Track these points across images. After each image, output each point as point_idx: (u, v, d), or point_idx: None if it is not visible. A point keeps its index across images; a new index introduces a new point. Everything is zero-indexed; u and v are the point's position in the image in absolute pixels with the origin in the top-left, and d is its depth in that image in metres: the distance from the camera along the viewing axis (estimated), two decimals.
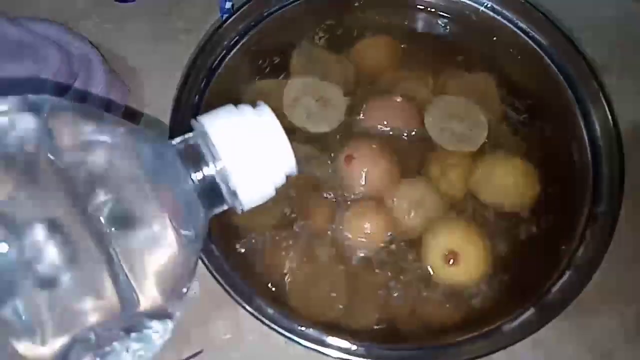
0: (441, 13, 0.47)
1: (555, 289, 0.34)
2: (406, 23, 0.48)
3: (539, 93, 0.44)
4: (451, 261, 0.38)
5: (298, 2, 0.45)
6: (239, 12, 0.43)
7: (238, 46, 0.43)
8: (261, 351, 0.42)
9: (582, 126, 0.41)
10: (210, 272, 0.35)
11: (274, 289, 0.39)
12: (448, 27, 0.47)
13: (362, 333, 0.36)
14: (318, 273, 0.39)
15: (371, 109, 0.44)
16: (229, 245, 0.39)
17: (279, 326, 0.33)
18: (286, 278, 0.39)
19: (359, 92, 0.45)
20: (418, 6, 0.47)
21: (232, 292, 0.33)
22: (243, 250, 0.40)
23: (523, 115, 0.44)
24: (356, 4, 0.47)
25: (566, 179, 0.41)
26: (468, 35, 0.47)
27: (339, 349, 0.33)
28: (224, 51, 0.43)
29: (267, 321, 0.33)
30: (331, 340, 0.33)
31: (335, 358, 0.33)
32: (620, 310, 0.45)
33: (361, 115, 0.44)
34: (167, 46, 0.56)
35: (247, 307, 0.33)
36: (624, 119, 0.47)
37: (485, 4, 0.45)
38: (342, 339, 0.33)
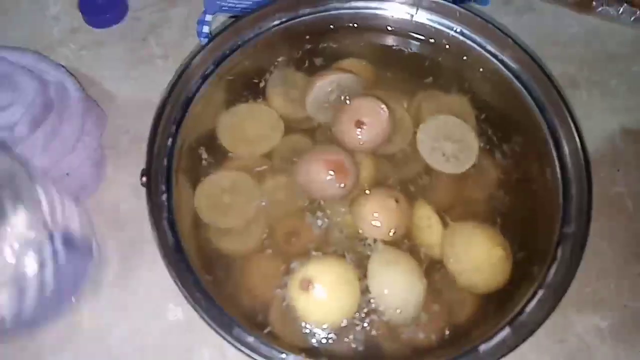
0: (412, 36, 0.48)
1: (529, 308, 0.35)
2: (379, 46, 0.49)
3: (509, 114, 0.46)
4: (306, 286, 0.36)
5: (273, 28, 0.46)
6: (213, 42, 0.43)
7: (213, 75, 0.44)
8: None
9: (552, 147, 0.42)
10: (189, 301, 0.35)
11: (256, 315, 0.39)
12: (420, 49, 0.48)
13: (344, 357, 0.36)
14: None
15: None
16: (210, 273, 0.39)
17: (259, 354, 0.33)
18: (270, 305, 0.39)
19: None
20: (390, 29, 0.48)
21: (211, 323, 0.33)
22: (224, 277, 0.40)
23: (494, 135, 0.45)
24: (331, 27, 0.48)
25: (536, 199, 0.42)
26: (439, 57, 0.48)
27: None
28: (200, 81, 0.43)
29: (246, 350, 0.33)
30: None
31: None
32: (597, 323, 0.46)
33: None
34: (143, 71, 0.56)
35: (227, 337, 0.33)
36: (592, 134, 0.48)
37: (455, 29, 0.46)
38: None
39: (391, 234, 0.40)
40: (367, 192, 0.42)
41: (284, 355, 0.33)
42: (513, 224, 0.41)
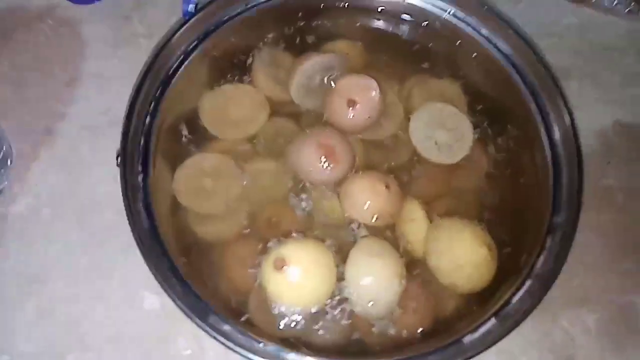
0: (405, 18, 0.47)
1: (515, 298, 0.34)
2: (370, 28, 0.48)
3: (501, 100, 0.45)
4: (280, 265, 0.35)
5: (260, 6, 0.44)
6: (199, 14, 0.42)
7: (196, 51, 0.42)
8: None
9: (543, 135, 0.41)
10: (163, 287, 0.33)
11: (234, 303, 0.37)
12: (412, 32, 0.47)
13: (326, 348, 0.35)
14: None
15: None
16: (187, 258, 0.37)
17: (235, 343, 0.32)
18: (249, 293, 0.38)
19: None
20: (381, 10, 0.47)
21: (186, 310, 0.32)
22: (202, 264, 0.38)
23: (486, 122, 0.44)
24: (322, 6, 0.47)
25: (527, 188, 0.41)
26: (432, 41, 0.47)
27: None
28: (181, 56, 0.41)
29: (222, 339, 0.32)
30: (292, 357, 0.32)
31: None
32: (583, 317, 0.45)
33: None
34: (126, 50, 0.54)
35: (202, 325, 0.32)
36: (584, 125, 0.47)
37: (449, 11, 0.45)
38: (304, 354, 0.32)
39: (373, 220, 0.39)
40: (360, 173, 0.41)
41: (261, 345, 0.32)
42: (502, 214, 0.40)
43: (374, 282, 0.36)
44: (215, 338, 0.32)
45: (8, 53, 0.53)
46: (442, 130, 0.43)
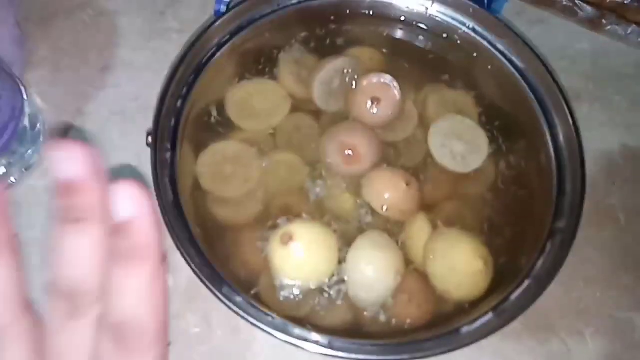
0: (425, 28, 0.49)
1: (514, 296, 0.36)
2: (391, 36, 0.50)
3: (511, 114, 0.47)
4: (286, 240, 0.37)
5: (289, 8, 0.47)
6: (230, 13, 0.44)
7: (227, 45, 0.45)
8: (229, 346, 0.42)
9: (550, 147, 0.43)
10: (190, 265, 0.35)
11: (246, 283, 0.39)
12: (431, 42, 0.49)
13: (330, 328, 0.37)
14: None
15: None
16: (204, 238, 0.39)
17: (247, 314, 0.33)
18: (262, 276, 0.39)
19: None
20: (403, 19, 0.49)
21: (201, 277, 0.34)
22: (217, 245, 0.40)
23: (495, 134, 0.46)
24: (347, 12, 0.49)
25: (531, 194, 0.43)
26: (449, 52, 0.49)
27: (305, 339, 0.34)
28: (214, 49, 0.44)
29: (234, 307, 0.33)
30: (298, 331, 0.34)
31: (301, 349, 0.34)
32: (580, 329, 0.46)
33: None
34: (159, 43, 0.57)
35: (217, 293, 0.34)
36: (591, 146, 0.49)
37: (468, 25, 0.47)
38: (310, 331, 0.34)
39: (384, 209, 0.41)
40: (385, 166, 0.44)
41: (270, 318, 0.34)
42: (505, 220, 0.42)
43: (372, 271, 0.38)
44: (229, 308, 0.33)
45: (49, 38, 0.56)
46: (459, 142, 0.45)
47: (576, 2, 0.61)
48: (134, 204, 0.18)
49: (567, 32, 0.62)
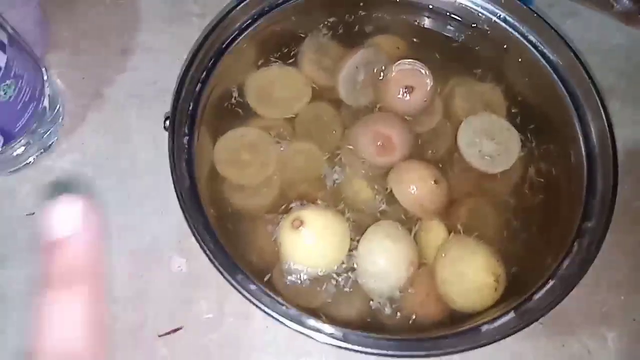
0: (454, 17, 0.48)
1: (537, 296, 0.34)
2: (418, 24, 0.49)
3: (542, 109, 0.45)
4: (297, 225, 0.37)
5: None
6: None
7: (249, 30, 0.44)
8: (240, 333, 0.42)
9: (581, 144, 0.41)
10: (204, 251, 0.35)
11: (261, 272, 0.38)
12: (459, 32, 0.48)
13: (347, 322, 0.36)
14: None
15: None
16: (223, 226, 0.39)
17: (261, 302, 0.33)
18: (275, 263, 0.39)
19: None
20: (431, 7, 0.48)
21: (216, 263, 0.33)
22: (232, 233, 0.40)
23: (524, 129, 0.44)
24: None
25: (560, 192, 0.41)
26: (478, 43, 0.47)
27: (318, 330, 0.33)
28: (235, 33, 0.43)
29: (247, 295, 0.33)
30: (312, 322, 0.33)
31: (312, 339, 0.33)
32: (602, 333, 0.45)
33: None
34: (179, 27, 0.56)
35: (231, 281, 0.33)
36: (622, 146, 0.47)
37: (499, 15, 0.46)
38: (324, 322, 0.33)
39: (406, 202, 0.40)
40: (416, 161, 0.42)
41: (284, 307, 0.33)
42: (530, 219, 0.40)
43: (383, 262, 0.37)
44: (243, 295, 0.33)
45: (70, 20, 0.56)
46: (490, 141, 0.43)
47: None
48: (72, 223, 0.17)
49: (601, 25, 0.59)
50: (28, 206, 0.47)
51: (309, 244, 0.37)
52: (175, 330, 0.42)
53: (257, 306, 0.33)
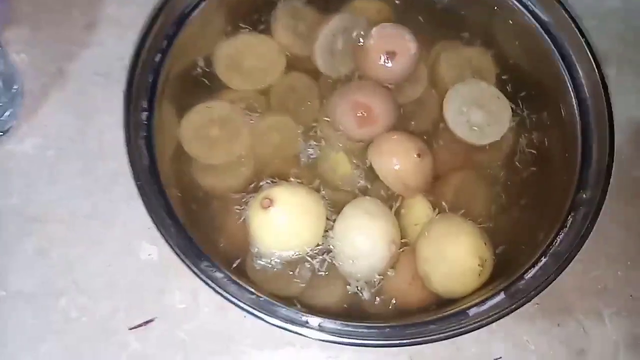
0: None
1: (528, 275, 0.32)
2: None
3: (534, 75, 0.42)
4: (266, 205, 0.34)
5: None
6: None
7: None
8: (217, 324, 0.40)
9: (576, 111, 0.38)
10: (164, 237, 0.32)
11: (232, 257, 0.36)
12: None
13: (323, 308, 0.34)
14: None
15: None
16: (189, 209, 0.36)
17: (229, 293, 0.30)
18: (247, 247, 0.36)
19: None
20: None
21: (176, 249, 0.30)
22: (201, 215, 0.37)
23: (515, 97, 0.42)
24: None
25: (553, 163, 0.39)
26: (466, 5, 0.44)
27: (291, 320, 0.30)
28: None
29: (214, 286, 0.30)
30: (284, 312, 0.31)
31: (291, 332, 0.31)
32: (598, 310, 0.43)
33: None
34: None
35: (193, 268, 0.30)
36: (619, 112, 0.45)
37: None
38: (298, 311, 0.31)
39: (387, 178, 0.37)
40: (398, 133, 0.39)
41: (254, 296, 0.30)
42: (521, 191, 0.38)
43: (363, 241, 0.35)
44: (207, 284, 0.30)
45: None
46: (479, 110, 0.41)
47: None
48: None
49: None
50: None
51: (280, 224, 0.34)
52: (147, 323, 0.40)
53: (222, 296, 0.30)
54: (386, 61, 0.39)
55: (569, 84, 0.39)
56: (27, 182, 0.45)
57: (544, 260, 0.33)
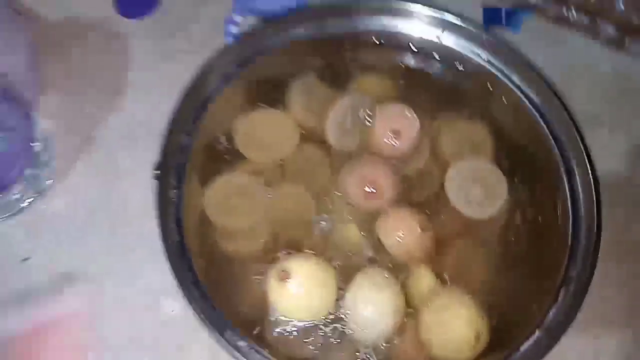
0: (437, 58, 0.48)
1: (523, 348, 0.35)
2: (405, 65, 0.49)
3: (527, 148, 0.45)
4: (284, 277, 0.37)
5: (300, 37, 0.46)
6: (239, 42, 0.44)
7: (237, 74, 0.44)
8: None
9: (566, 188, 0.41)
10: (188, 300, 0.35)
11: (252, 319, 0.39)
12: (444, 72, 0.48)
13: None
14: None
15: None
16: (211, 273, 0.39)
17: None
18: (267, 309, 0.39)
19: None
20: (415, 49, 0.48)
21: (204, 319, 0.33)
22: (224, 277, 0.40)
23: (510, 170, 0.45)
24: (356, 41, 0.48)
25: (544, 240, 0.41)
26: (463, 83, 0.48)
27: None
28: (222, 78, 0.44)
29: (236, 354, 0.33)
30: None
31: None
32: None
33: None
34: (169, 65, 0.56)
35: (219, 338, 0.33)
36: (612, 175, 0.47)
37: (481, 55, 0.46)
38: None
39: (393, 248, 0.40)
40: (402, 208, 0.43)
41: None
42: (514, 263, 0.40)
43: (371, 311, 0.38)
44: (232, 355, 0.33)
45: (61, 60, 0.56)
46: (477, 187, 0.43)
47: (598, 21, 0.58)
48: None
49: (588, 52, 0.59)
50: (22, 252, 0.47)
51: (296, 296, 0.37)
52: None
53: None
54: (392, 140, 0.43)
55: (558, 160, 0.42)
56: (57, 241, 0.48)
57: (536, 335, 0.35)
